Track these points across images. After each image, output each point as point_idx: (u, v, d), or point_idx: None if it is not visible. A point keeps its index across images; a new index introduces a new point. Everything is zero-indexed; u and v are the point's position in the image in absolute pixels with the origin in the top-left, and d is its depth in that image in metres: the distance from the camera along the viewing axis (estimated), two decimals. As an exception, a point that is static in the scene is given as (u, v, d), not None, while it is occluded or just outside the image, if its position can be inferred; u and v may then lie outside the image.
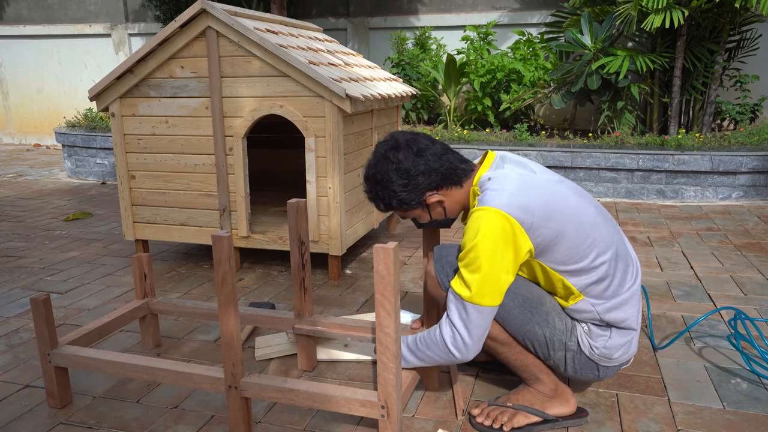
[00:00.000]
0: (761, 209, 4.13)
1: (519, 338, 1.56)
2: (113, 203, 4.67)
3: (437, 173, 1.57)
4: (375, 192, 1.61)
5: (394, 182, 1.56)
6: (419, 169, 1.55)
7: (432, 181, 1.57)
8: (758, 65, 5.69)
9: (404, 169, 1.55)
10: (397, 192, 1.57)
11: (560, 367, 1.59)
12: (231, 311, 1.48)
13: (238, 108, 2.72)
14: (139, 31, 7.93)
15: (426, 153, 1.57)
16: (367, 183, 1.63)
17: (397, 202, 1.59)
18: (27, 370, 2.00)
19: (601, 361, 1.58)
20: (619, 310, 1.54)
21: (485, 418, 1.62)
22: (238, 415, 1.55)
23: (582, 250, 1.48)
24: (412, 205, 1.60)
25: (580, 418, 1.64)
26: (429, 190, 1.58)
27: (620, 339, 1.56)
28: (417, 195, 1.58)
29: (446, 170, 1.57)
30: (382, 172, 1.57)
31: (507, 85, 5.81)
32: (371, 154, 1.63)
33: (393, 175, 1.56)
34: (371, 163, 1.60)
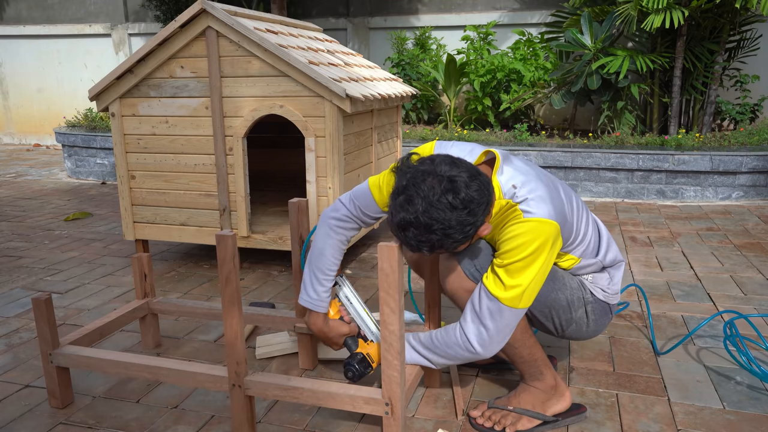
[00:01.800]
0: (761, 209, 4.13)
1: (546, 311, 1.61)
2: (113, 203, 4.67)
3: (490, 206, 1.39)
4: (425, 240, 1.35)
5: (455, 229, 1.34)
6: (480, 210, 1.35)
7: (486, 215, 1.39)
8: (758, 65, 5.69)
9: (465, 216, 1.33)
10: (456, 238, 1.36)
11: (582, 326, 1.67)
12: (235, 310, 1.48)
13: (238, 108, 2.72)
14: (139, 31, 7.93)
15: (479, 183, 1.35)
16: (410, 231, 1.34)
17: (452, 246, 1.40)
18: (27, 370, 2.00)
19: (612, 299, 1.71)
20: (609, 252, 1.71)
21: (486, 420, 1.62)
22: (241, 413, 1.56)
23: (576, 230, 1.60)
24: (462, 244, 1.41)
25: (578, 414, 1.65)
26: (482, 224, 1.40)
27: (618, 273, 1.74)
28: (473, 233, 1.39)
29: (493, 198, 1.41)
30: (440, 221, 1.32)
31: (507, 85, 5.81)
32: (408, 191, 1.34)
33: (455, 224, 1.33)
34: (419, 210, 1.32)
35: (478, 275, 1.55)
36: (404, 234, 1.35)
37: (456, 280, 1.58)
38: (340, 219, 1.69)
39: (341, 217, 1.69)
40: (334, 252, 1.68)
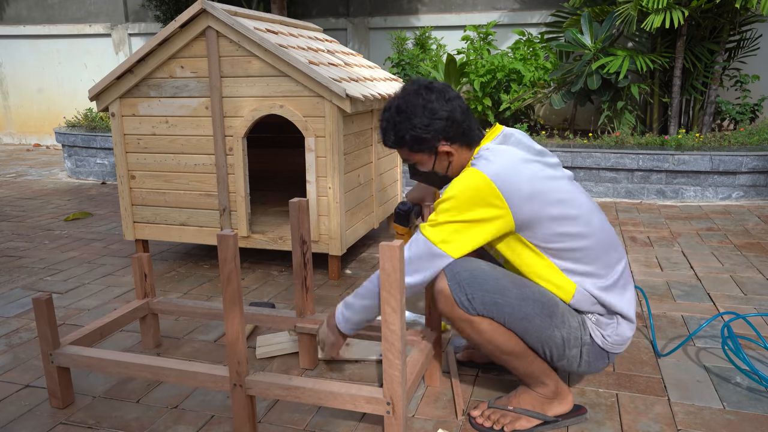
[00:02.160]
0: (761, 209, 4.14)
1: (538, 345, 1.55)
2: (113, 203, 4.67)
3: (457, 126, 1.58)
4: (393, 122, 1.59)
5: (418, 117, 1.56)
6: (444, 114, 1.56)
7: (450, 131, 1.58)
8: (758, 65, 5.69)
9: (431, 108, 1.56)
10: (416, 127, 1.56)
11: (573, 364, 1.59)
12: (236, 309, 1.48)
13: (238, 108, 2.72)
14: (139, 31, 7.93)
15: (454, 103, 1.59)
16: (387, 112, 1.61)
17: (411, 137, 1.58)
18: (27, 370, 2.00)
19: (614, 348, 1.61)
20: (615, 293, 1.58)
21: (485, 419, 1.62)
22: (243, 413, 1.56)
23: (565, 229, 1.53)
24: (423, 146, 1.59)
25: (579, 415, 1.64)
26: (445, 138, 1.59)
27: (627, 327, 1.61)
28: (433, 138, 1.58)
29: (465, 127, 1.60)
30: (410, 104, 1.57)
31: (507, 85, 5.81)
32: (399, 90, 1.63)
33: (419, 111, 1.56)
34: (398, 95, 1.61)
35: (469, 305, 1.50)
36: (383, 115, 1.63)
37: (446, 304, 1.54)
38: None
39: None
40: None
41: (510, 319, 1.51)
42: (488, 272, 1.52)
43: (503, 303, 1.50)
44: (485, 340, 1.54)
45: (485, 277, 1.51)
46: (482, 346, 1.56)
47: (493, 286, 1.50)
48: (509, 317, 1.50)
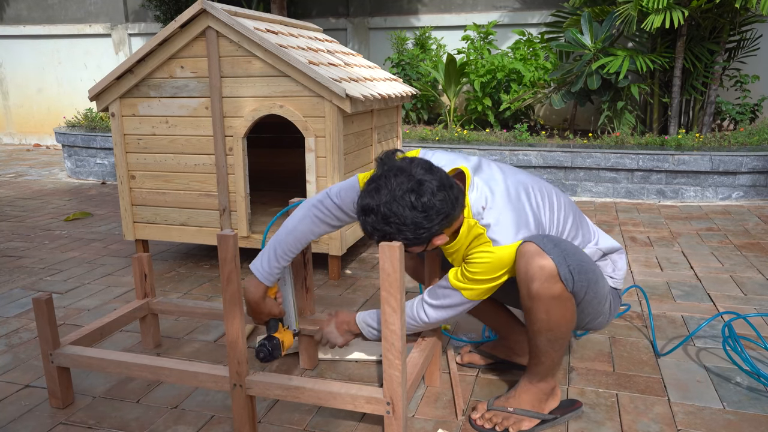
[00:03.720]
0: (761, 209, 4.14)
1: (596, 306, 1.61)
2: (113, 203, 4.67)
3: (450, 218, 1.45)
4: (381, 230, 1.41)
5: (408, 228, 1.40)
6: (437, 219, 1.41)
7: (443, 226, 1.45)
8: (758, 65, 5.69)
9: (422, 219, 1.39)
10: (407, 238, 1.42)
11: (605, 318, 1.70)
12: (236, 310, 1.48)
13: (238, 108, 2.72)
14: (139, 31, 7.93)
15: (446, 194, 1.41)
16: (371, 216, 1.41)
17: (402, 241, 1.43)
18: (27, 370, 2.00)
19: (620, 284, 1.77)
20: (600, 240, 1.73)
21: (486, 421, 1.62)
22: (243, 413, 1.56)
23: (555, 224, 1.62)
24: (413, 245, 1.47)
25: (575, 409, 1.65)
26: (435, 236, 1.46)
27: (621, 259, 1.76)
28: (425, 240, 1.45)
29: (456, 213, 1.46)
30: (398, 215, 1.38)
31: (507, 85, 5.81)
32: (378, 181, 1.42)
33: (409, 223, 1.39)
34: (383, 200, 1.39)
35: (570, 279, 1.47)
36: (364, 218, 1.43)
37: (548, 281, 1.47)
38: (323, 210, 1.69)
39: (324, 209, 1.69)
40: (304, 236, 1.69)
41: (591, 285, 1.53)
42: (567, 243, 1.53)
43: (588, 269, 1.52)
44: (560, 323, 1.51)
45: (571, 247, 1.52)
46: (549, 331, 1.52)
47: (579, 254, 1.52)
48: (590, 284, 1.52)
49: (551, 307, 1.48)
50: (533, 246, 1.46)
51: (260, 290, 1.70)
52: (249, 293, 1.70)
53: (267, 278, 1.69)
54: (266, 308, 1.73)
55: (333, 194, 1.68)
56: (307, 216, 1.69)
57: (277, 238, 1.69)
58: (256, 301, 1.70)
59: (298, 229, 1.68)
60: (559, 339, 1.54)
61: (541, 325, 1.51)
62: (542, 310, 1.49)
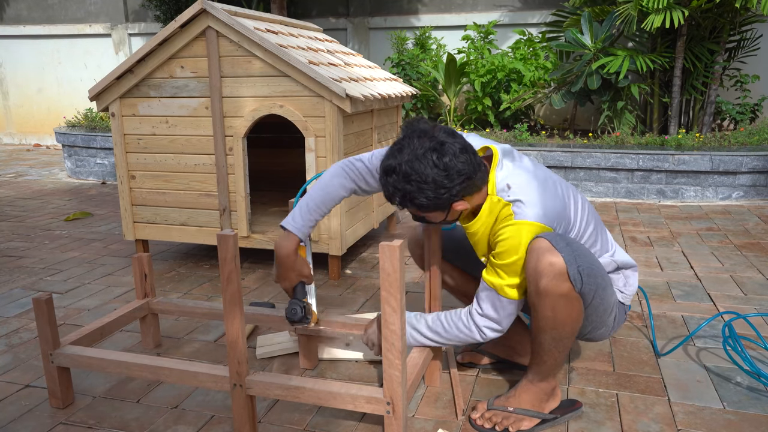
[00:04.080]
0: (761, 209, 4.14)
1: (602, 313, 1.61)
2: (113, 203, 4.67)
3: (471, 183, 1.46)
4: (402, 189, 1.43)
5: (429, 186, 1.41)
6: (458, 180, 1.42)
7: (464, 190, 1.46)
8: (758, 65, 5.69)
9: (443, 177, 1.40)
10: (429, 197, 1.42)
11: (608, 330, 1.70)
12: (236, 309, 1.48)
13: (238, 108, 2.72)
14: (139, 31, 7.93)
15: (466, 158, 1.43)
16: (392, 176, 1.42)
17: (422, 204, 1.44)
18: (27, 370, 2.00)
19: (629, 299, 1.75)
20: (617, 253, 1.74)
21: (485, 421, 1.62)
22: (243, 413, 1.56)
23: (578, 228, 1.63)
24: (433, 209, 1.47)
25: (576, 409, 1.65)
26: (458, 198, 1.47)
27: (633, 276, 1.75)
28: (446, 202, 1.45)
29: (477, 179, 1.47)
30: (418, 172, 1.40)
31: (507, 84, 5.81)
32: (402, 142, 1.43)
33: (430, 181, 1.40)
34: (401, 154, 1.41)
35: (578, 279, 1.47)
36: (386, 178, 1.45)
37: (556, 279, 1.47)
38: (354, 171, 1.70)
39: (355, 170, 1.70)
40: (336, 192, 1.69)
41: (598, 290, 1.53)
42: (579, 244, 1.52)
43: (598, 274, 1.52)
44: (566, 322, 1.51)
45: (580, 248, 1.51)
46: (554, 329, 1.52)
47: (590, 257, 1.52)
48: (598, 288, 1.52)
49: (558, 305, 1.48)
50: (545, 242, 1.46)
51: (293, 243, 1.66)
52: (281, 248, 1.65)
53: (300, 230, 1.66)
54: (297, 266, 1.69)
55: (365, 158, 1.70)
56: (338, 174, 1.69)
57: (309, 194, 1.68)
58: (288, 254, 1.65)
59: (330, 185, 1.68)
60: (563, 338, 1.54)
61: (547, 322, 1.51)
62: (548, 307, 1.49)
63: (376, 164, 1.67)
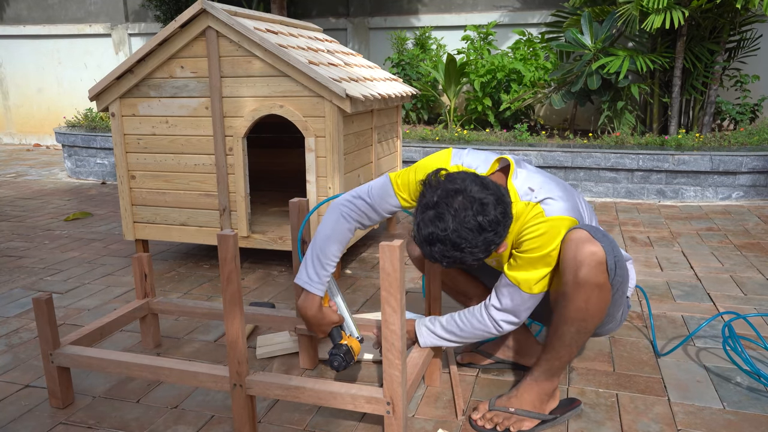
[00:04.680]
0: (761, 209, 4.14)
1: (617, 306, 1.63)
2: (113, 203, 4.67)
3: (508, 227, 1.44)
4: (449, 256, 1.41)
5: (479, 249, 1.40)
6: (504, 232, 1.42)
7: (506, 236, 1.46)
8: (758, 65, 5.69)
9: (492, 237, 1.40)
10: (478, 257, 1.42)
11: (616, 324, 1.73)
12: (236, 309, 1.48)
13: (238, 108, 2.72)
14: (139, 31, 7.93)
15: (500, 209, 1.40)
16: (437, 246, 1.39)
17: (472, 261, 1.44)
18: (27, 370, 2.00)
19: (629, 291, 1.75)
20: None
21: (487, 422, 1.62)
22: (243, 413, 1.56)
23: (585, 219, 1.67)
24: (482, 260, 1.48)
25: (575, 408, 1.66)
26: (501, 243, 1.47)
27: (631, 268, 1.77)
28: (491, 252, 1.45)
29: (510, 220, 1.45)
30: (468, 240, 1.38)
31: (507, 85, 5.81)
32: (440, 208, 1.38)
33: (480, 244, 1.39)
34: (450, 227, 1.36)
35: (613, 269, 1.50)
36: (430, 248, 1.41)
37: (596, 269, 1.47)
38: (355, 210, 1.70)
39: (356, 209, 1.70)
40: (344, 237, 1.69)
41: (623, 282, 1.56)
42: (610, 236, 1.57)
43: (623, 265, 1.55)
44: (595, 314, 1.51)
45: (615, 242, 1.55)
46: (583, 321, 1.52)
47: (618, 249, 1.55)
48: (622, 280, 1.55)
49: (592, 295, 1.49)
50: (584, 233, 1.49)
51: (316, 302, 1.69)
52: (306, 309, 1.69)
53: (319, 288, 1.69)
54: (326, 318, 1.72)
55: (363, 194, 1.70)
56: (340, 218, 1.70)
57: (317, 246, 1.68)
58: (315, 314, 1.70)
59: (336, 231, 1.68)
60: (586, 332, 1.56)
61: (578, 314, 1.52)
62: (583, 298, 1.50)
63: (377, 197, 1.68)
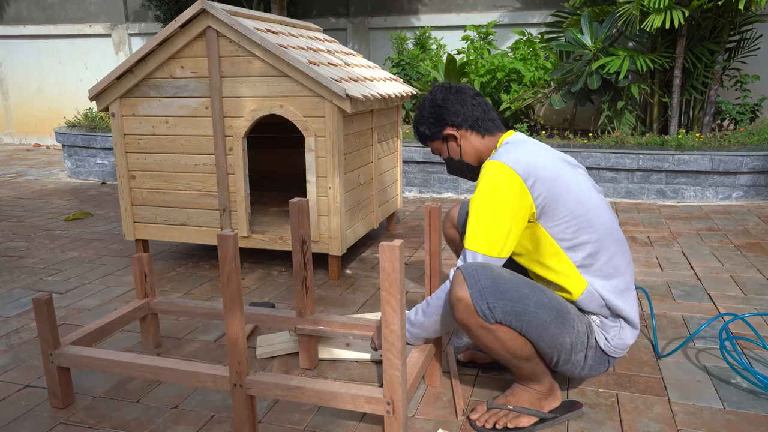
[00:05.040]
0: (761, 209, 4.13)
1: (548, 351, 1.56)
2: (113, 203, 4.67)
3: (461, 113, 1.77)
4: (414, 118, 1.87)
5: (426, 109, 1.82)
6: (446, 103, 1.77)
7: (454, 119, 1.77)
8: (758, 65, 5.69)
9: (435, 99, 1.79)
10: (425, 117, 1.81)
11: (576, 368, 1.63)
12: (236, 310, 1.48)
13: (238, 108, 2.72)
14: (139, 31, 7.93)
15: (460, 96, 1.78)
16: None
17: (423, 127, 1.83)
18: (27, 370, 2.00)
19: (614, 353, 1.65)
20: (622, 295, 1.63)
21: (485, 421, 1.62)
22: (243, 413, 1.56)
23: (581, 221, 1.59)
24: (433, 134, 1.81)
25: (575, 410, 1.65)
26: (449, 125, 1.78)
27: (629, 333, 1.66)
28: (439, 126, 1.79)
29: (470, 115, 1.77)
30: (422, 100, 1.84)
31: (507, 85, 5.81)
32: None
33: (427, 104, 1.82)
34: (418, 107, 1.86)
35: (489, 314, 1.48)
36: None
37: (466, 312, 1.51)
38: None
39: None
40: None
41: (527, 327, 1.50)
42: (508, 280, 1.51)
43: (522, 311, 1.49)
44: (500, 347, 1.53)
45: (506, 285, 1.50)
46: (494, 352, 1.55)
47: (513, 294, 1.49)
48: (527, 325, 1.50)
49: (480, 333, 1.52)
50: (459, 276, 1.51)
51: None
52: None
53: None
54: None
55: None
56: None
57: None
58: None
59: None
60: (516, 358, 1.55)
61: (486, 347, 1.56)
62: (474, 335, 1.54)
63: None
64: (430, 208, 1.76)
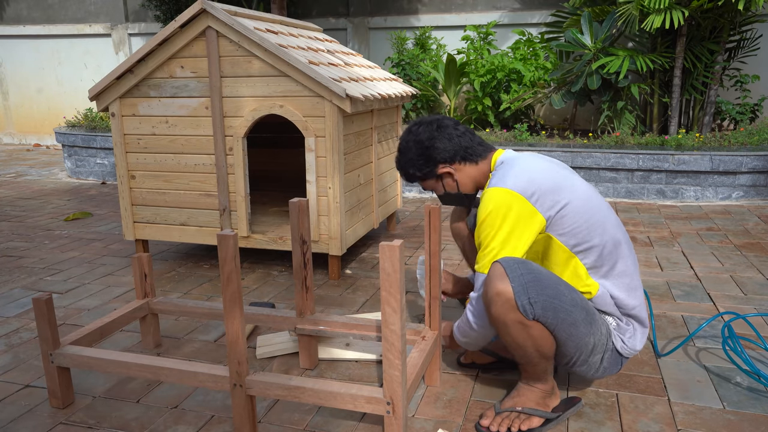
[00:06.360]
0: (761, 209, 4.14)
1: (572, 350, 1.56)
2: (113, 203, 4.67)
3: (451, 148, 1.74)
4: (398, 161, 1.81)
5: (412, 151, 1.76)
6: (434, 142, 1.74)
7: (445, 155, 1.74)
8: (758, 65, 5.69)
9: (421, 140, 1.75)
10: (413, 160, 1.76)
11: (591, 369, 1.64)
12: (236, 310, 1.48)
13: (238, 108, 2.72)
14: (139, 31, 7.93)
15: (444, 131, 1.74)
16: (396, 155, 1.84)
17: (414, 170, 1.78)
18: (27, 370, 2.00)
19: (629, 354, 1.68)
20: (632, 294, 1.66)
21: (499, 426, 1.60)
22: (242, 413, 1.56)
23: (589, 224, 1.61)
24: (425, 174, 1.78)
25: (576, 405, 1.66)
26: (441, 162, 1.75)
27: (640, 335, 1.68)
28: (430, 166, 1.76)
29: (459, 147, 1.74)
30: (404, 142, 1.79)
31: (507, 85, 5.81)
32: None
33: (412, 146, 1.76)
34: (401, 137, 1.81)
35: (529, 309, 1.46)
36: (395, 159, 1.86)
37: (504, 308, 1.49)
38: None
39: None
40: None
41: (561, 324, 1.49)
42: (547, 275, 1.50)
43: (560, 308, 1.48)
44: (531, 344, 1.51)
45: (547, 281, 1.48)
46: (523, 349, 1.53)
47: (552, 291, 1.48)
48: (561, 323, 1.49)
49: (513, 330, 1.51)
50: (499, 268, 1.50)
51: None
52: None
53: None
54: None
55: None
56: None
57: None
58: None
59: None
60: (535, 356, 1.55)
61: (509, 345, 1.56)
62: (504, 332, 1.53)
63: None
64: (429, 208, 1.76)
